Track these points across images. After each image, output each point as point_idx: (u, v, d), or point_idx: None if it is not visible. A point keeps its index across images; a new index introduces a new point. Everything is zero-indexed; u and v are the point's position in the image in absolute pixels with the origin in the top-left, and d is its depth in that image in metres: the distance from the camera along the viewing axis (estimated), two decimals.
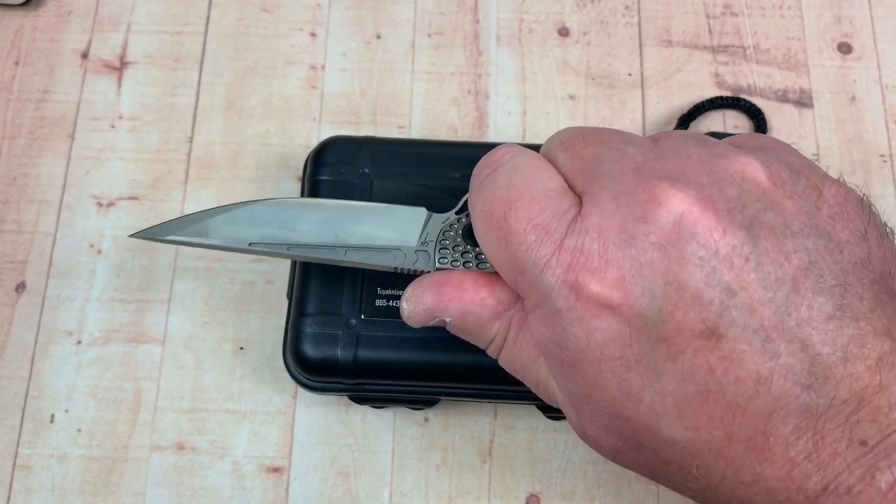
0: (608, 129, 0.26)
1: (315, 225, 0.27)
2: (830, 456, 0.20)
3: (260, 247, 0.27)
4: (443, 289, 0.26)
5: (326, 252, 0.27)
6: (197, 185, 0.39)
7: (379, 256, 0.27)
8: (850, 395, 0.20)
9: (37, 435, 0.35)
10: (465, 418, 0.35)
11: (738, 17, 0.42)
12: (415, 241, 0.27)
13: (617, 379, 0.22)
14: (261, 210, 0.27)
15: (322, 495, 0.34)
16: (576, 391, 0.24)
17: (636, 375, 0.22)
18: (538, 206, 0.24)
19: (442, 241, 0.26)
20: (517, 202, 0.24)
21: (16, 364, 0.36)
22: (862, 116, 0.40)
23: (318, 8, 0.42)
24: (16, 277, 0.37)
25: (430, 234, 0.27)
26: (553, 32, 0.42)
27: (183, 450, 0.35)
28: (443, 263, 0.26)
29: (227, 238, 0.27)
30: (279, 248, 0.26)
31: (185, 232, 0.27)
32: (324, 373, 0.32)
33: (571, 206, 0.24)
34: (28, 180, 0.39)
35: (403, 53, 0.41)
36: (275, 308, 0.37)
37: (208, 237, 0.27)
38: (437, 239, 0.27)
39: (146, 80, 0.41)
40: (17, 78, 0.40)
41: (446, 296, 0.26)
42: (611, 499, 0.34)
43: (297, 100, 0.40)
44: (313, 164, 0.34)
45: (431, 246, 0.26)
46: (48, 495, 0.34)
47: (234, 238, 0.27)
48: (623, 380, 0.22)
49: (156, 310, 0.37)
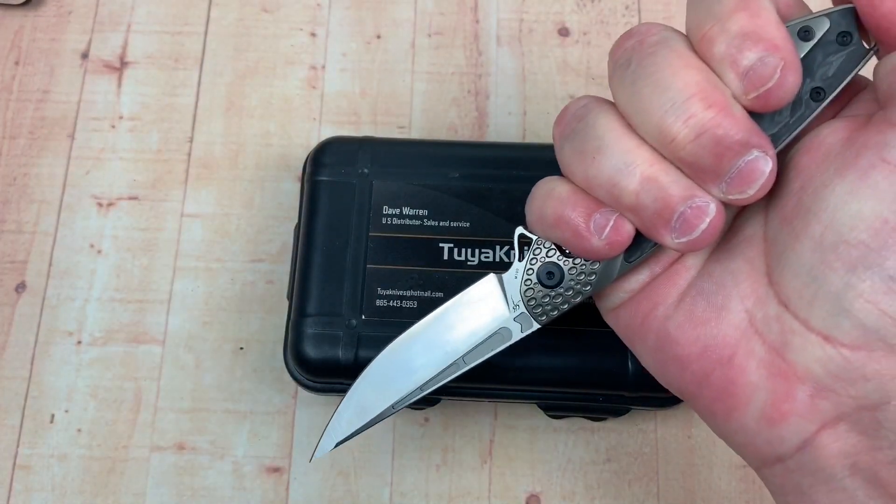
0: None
1: (425, 356, 0.27)
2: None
3: (401, 403, 0.27)
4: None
5: (451, 371, 0.27)
6: (197, 185, 0.39)
7: (491, 345, 0.26)
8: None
9: (37, 435, 0.35)
10: (465, 418, 0.35)
11: None
12: (507, 311, 0.26)
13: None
14: (377, 374, 0.27)
15: (322, 495, 0.34)
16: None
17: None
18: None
19: (528, 298, 0.26)
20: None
21: (16, 364, 0.36)
22: None
23: (318, 8, 0.42)
24: (16, 277, 0.37)
25: (513, 294, 0.26)
26: (553, 32, 0.42)
27: (183, 450, 0.35)
28: (541, 313, 0.26)
29: (374, 413, 0.27)
30: (415, 394, 0.27)
31: (345, 429, 0.27)
32: (325, 373, 0.32)
33: None
34: (28, 180, 0.39)
35: (403, 53, 0.41)
36: (275, 308, 0.37)
37: (363, 420, 0.27)
38: (523, 298, 0.26)
39: (146, 80, 0.41)
40: (17, 78, 0.40)
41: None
42: (611, 499, 0.34)
43: (297, 100, 0.40)
44: (313, 164, 0.34)
45: (523, 306, 0.26)
46: (48, 495, 0.34)
47: (378, 409, 0.27)
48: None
49: (156, 310, 0.37)
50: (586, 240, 0.23)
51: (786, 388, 0.22)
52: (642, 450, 0.35)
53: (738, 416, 0.23)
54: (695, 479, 0.34)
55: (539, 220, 0.24)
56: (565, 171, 0.24)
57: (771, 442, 0.22)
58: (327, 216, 0.33)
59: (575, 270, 0.24)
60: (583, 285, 0.25)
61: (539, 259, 0.25)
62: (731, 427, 0.23)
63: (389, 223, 0.33)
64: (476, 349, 0.26)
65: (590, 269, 0.24)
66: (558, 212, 0.23)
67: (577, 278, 0.25)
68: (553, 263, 0.25)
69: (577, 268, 0.24)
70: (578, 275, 0.24)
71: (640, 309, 0.25)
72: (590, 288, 0.25)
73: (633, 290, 0.25)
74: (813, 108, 0.22)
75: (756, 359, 0.22)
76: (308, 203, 0.34)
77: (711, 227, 0.22)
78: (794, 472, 0.22)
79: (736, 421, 0.23)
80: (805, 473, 0.22)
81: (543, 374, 0.32)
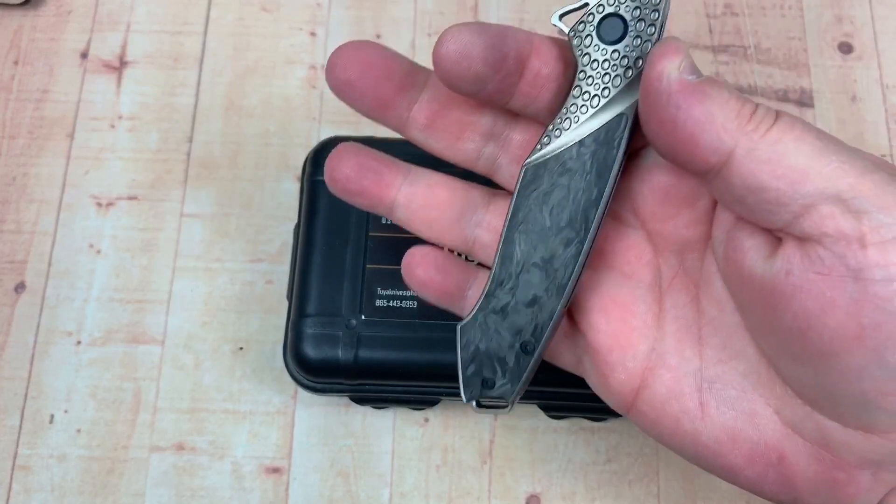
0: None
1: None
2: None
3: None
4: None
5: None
6: (197, 185, 0.39)
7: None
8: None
9: (36, 435, 0.35)
10: (465, 418, 0.35)
11: (739, 17, 0.42)
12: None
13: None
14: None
15: (322, 496, 0.34)
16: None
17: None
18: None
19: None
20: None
21: (15, 364, 0.36)
22: (863, 116, 0.40)
23: (318, 8, 0.42)
24: (15, 277, 0.37)
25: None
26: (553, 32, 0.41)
27: (183, 450, 0.35)
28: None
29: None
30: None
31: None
32: (324, 373, 0.32)
33: None
34: (27, 180, 0.39)
35: (403, 53, 0.41)
36: (275, 308, 0.37)
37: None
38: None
39: (146, 79, 0.41)
40: (17, 78, 0.40)
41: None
42: (611, 499, 0.34)
43: (297, 100, 0.40)
44: (313, 164, 0.34)
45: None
46: (47, 496, 0.34)
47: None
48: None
49: (155, 310, 0.37)
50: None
51: (846, 476, 0.22)
52: (642, 450, 0.35)
53: (804, 501, 0.23)
54: (695, 479, 0.34)
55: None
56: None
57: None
58: (327, 216, 0.33)
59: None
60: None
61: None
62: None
63: (389, 223, 0.33)
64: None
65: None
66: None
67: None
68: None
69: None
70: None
71: (664, 426, 0.24)
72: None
73: (630, 390, 0.24)
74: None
75: (806, 454, 0.22)
76: (308, 203, 0.34)
77: None
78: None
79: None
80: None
81: (543, 374, 0.31)
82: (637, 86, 0.22)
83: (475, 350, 0.25)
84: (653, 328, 0.24)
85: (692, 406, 0.23)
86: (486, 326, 0.24)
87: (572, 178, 0.23)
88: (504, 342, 0.24)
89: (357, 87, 0.25)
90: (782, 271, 0.20)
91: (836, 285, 0.19)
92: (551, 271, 0.23)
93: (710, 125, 0.20)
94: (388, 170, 0.27)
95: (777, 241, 0.21)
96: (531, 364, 0.24)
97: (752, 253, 0.21)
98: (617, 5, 0.22)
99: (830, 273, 0.19)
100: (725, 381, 0.23)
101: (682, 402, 0.23)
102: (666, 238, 0.24)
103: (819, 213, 0.19)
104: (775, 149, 0.20)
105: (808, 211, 0.20)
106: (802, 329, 0.20)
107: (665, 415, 0.24)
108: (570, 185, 0.23)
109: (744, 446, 0.23)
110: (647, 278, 0.25)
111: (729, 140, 0.20)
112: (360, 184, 0.26)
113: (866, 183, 0.19)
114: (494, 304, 0.24)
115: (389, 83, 0.25)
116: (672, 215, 0.24)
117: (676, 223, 0.24)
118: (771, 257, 0.21)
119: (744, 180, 0.20)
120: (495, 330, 0.24)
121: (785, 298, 0.20)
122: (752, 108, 0.20)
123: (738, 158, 0.20)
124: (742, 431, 0.23)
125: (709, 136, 0.20)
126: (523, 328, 0.24)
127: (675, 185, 0.23)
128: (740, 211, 0.21)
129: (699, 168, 0.21)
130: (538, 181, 0.23)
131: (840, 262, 0.19)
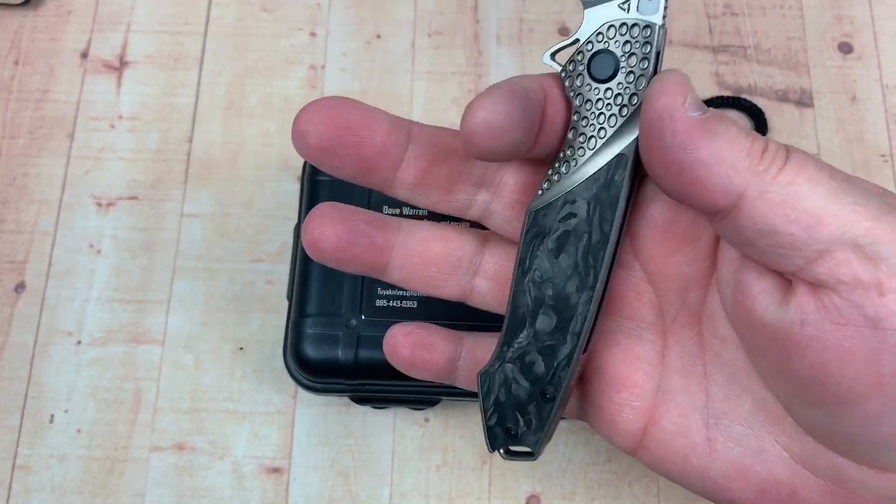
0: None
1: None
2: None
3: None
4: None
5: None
6: (197, 185, 0.39)
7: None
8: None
9: (36, 435, 0.35)
10: (465, 418, 0.35)
11: (739, 17, 0.42)
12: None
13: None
14: None
15: (322, 496, 0.34)
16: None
17: None
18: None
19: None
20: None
21: (15, 364, 0.36)
22: (862, 116, 0.40)
23: (318, 8, 0.42)
24: (15, 277, 0.37)
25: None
26: (553, 32, 0.41)
27: (183, 450, 0.35)
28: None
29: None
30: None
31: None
32: (325, 373, 0.32)
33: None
34: (28, 180, 0.39)
35: (403, 53, 0.41)
36: (275, 308, 0.37)
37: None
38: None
39: (146, 80, 0.41)
40: (17, 78, 0.40)
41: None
42: (611, 499, 0.34)
43: (297, 100, 0.40)
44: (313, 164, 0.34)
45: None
46: (48, 496, 0.34)
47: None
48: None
49: (155, 310, 0.37)
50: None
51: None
52: None
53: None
54: None
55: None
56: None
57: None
58: None
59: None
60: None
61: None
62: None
63: None
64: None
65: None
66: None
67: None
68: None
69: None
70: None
71: (672, 463, 0.24)
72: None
73: (635, 430, 0.24)
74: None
75: (818, 491, 0.22)
76: (308, 203, 0.34)
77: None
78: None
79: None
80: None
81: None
82: (635, 124, 0.21)
83: (496, 399, 0.24)
84: (657, 366, 0.24)
85: (699, 442, 0.23)
86: (504, 376, 0.24)
87: (577, 222, 0.22)
88: (524, 391, 0.24)
89: (336, 156, 0.23)
90: (797, 321, 0.20)
91: (855, 335, 0.19)
92: (565, 317, 0.23)
93: (718, 166, 0.19)
94: (379, 232, 0.24)
95: (787, 283, 0.20)
96: (553, 412, 0.23)
97: (763, 298, 0.21)
98: (606, 42, 0.22)
99: (848, 323, 0.19)
100: (732, 418, 0.23)
101: (689, 438, 0.23)
102: (667, 277, 0.24)
103: (835, 259, 0.19)
104: (788, 191, 0.19)
105: (822, 256, 0.19)
106: (819, 378, 0.20)
107: (673, 451, 0.24)
108: (575, 229, 0.22)
109: (753, 482, 0.22)
110: (648, 317, 0.24)
111: (739, 182, 0.19)
112: (350, 252, 0.24)
113: (883, 227, 0.19)
114: (511, 354, 0.24)
115: (371, 146, 0.23)
116: (673, 253, 0.23)
117: (678, 261, 0.23)
118: (783, 304, 0.20)
119: (754, 223, 0.19)
120: (514, 379, 0.24)
121: (800, 348, 0.20)
122: (762, 146, 0.19)
123: (749, 200, 0.19)
124: (751, 467, 0.22)
125: (718, 179, 0.19)
126: (542, 376, 0.23)
127: (673, 220, 0.23)
128: (749, 252, 0.21)
129: (708, 210, 0.20)
130: (543, 227, 0.23)
131: (857, 311, 0.19)
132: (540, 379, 0.23)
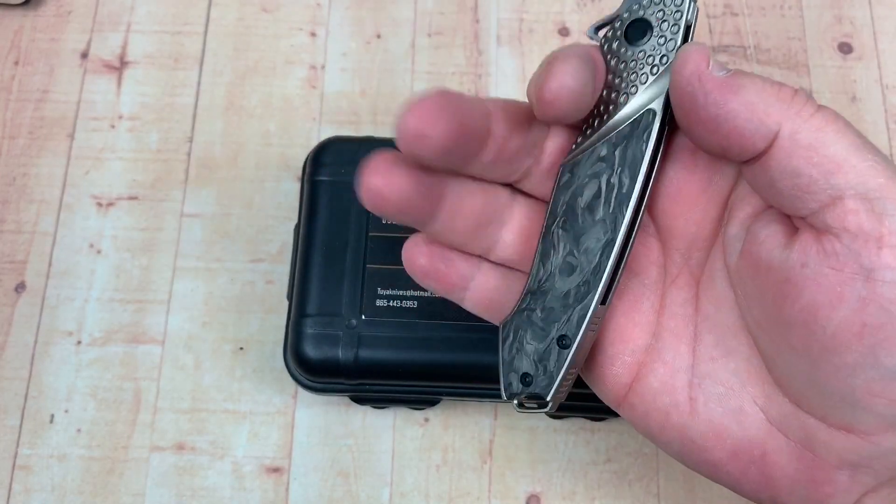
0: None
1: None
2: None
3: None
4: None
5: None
6: (197, 185, 0.39)
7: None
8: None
9: (36, 435, 0.35)
10: (465, 418, 0.35)
11: (739, 17, 0.42)
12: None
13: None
14: None
15: (322, 496, 0.34)
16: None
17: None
18: None
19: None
20: None
21: (16, 364, 0.36)
22: (862, 117, 0.40)
23: (318, 8, 0.42)
24: (15, 277, 0.37)
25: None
26: (553, 32, 0.42)
27: (183, 450, 0.35)
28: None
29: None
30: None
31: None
32: (325, 373, 0.32)
33: None
34: (28, 180, 0.39)
35: (403, 53, 0.41)
36: (275, 308, 0.37)
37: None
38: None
39: (146, 79, 0.41)
40: (17, 78, 0.40)
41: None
42: (611, 499, 0.34)
43: (297, 100, 0.40)
44: (313, 164, 0.34)
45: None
46: (48, 496, 0.34)
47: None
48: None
49: (155, 310, 0.37)
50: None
51: (824, 475, 0.22)
52: (642, 450, 0.35)
53: (782, 499, 0.23)
54: (695, 479, 0.34)
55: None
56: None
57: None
58: (327, 216, 0.33)
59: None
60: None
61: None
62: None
63: (389, 223, 0.33)
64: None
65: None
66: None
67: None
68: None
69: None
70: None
71: (653, 419, 0.24)
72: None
73: (626, 382, 0.25)
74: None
75: (787, 453, 0.23)
76: (308, 203, 0.34)
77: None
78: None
79: (781, 502, 0.23)
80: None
81: None
82: (664, 81, 0.23)
83: (516, 346, 0.25)
84: (653, 324, 0.25)
85: (682, 401, 0.24)
86: (526, 323, 0.24)
87: (604, 175, 0.23)
88: (542, 338, 0.24)
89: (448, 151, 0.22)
90: (798, 263, 0.21)
91: (848, 281, 0.20)
92: (587, 267, 0.24)
93: (752, 113, 0.21)
94: (436, 180, 0.24)
95: (794, 230, 0.22)
96: (569, 359, 0.24)
97: (769, 241, 0.22)
98: (642, 10, 0.23)
99: (843, 269, 0.20)
100: (715, 378, 0.24)
101: (673, 396, 0.24)
102: (675, 235, 0.25)
103: (844, 206, 0.20)
104: (816, 136, 0.20)
105: (834, 202, 0.20)
106: (808, 321, 0.21)
107: (655, 408, 0.24)
108: (603, 181, 0.23)
109: (728, 442, 0.23)
110: (652, 275, 0.25)
111: (773, 123, 0.20)
112: (410, 202, 0.24)
113: (895, 186, 0.20)
114: (534, 302, 0.24)
115: (479, 141, 0.23)
116: (683, 212, 0.24)
117: (687, 220, 0.24)
118: (787, 248, 0.21)
119: (780, 163, 0.21)
120: (535, 327, 0.24)
121: (797, 289, 0.21)
122: (790, 91, 0.21)
123: (782, 139, 0.20)
124: (728, 428, 0.23)
125: (753, 125, 0.21)
126: (561, 325, 0.24)
127: (686, 180, 0.24)
128: (768, 195, 0.22)
129: (750, 156, 0.21)
130: (573, 179, 0.24)
131: (854, 259, 0.20)
132: (559, 327, 0.24)
